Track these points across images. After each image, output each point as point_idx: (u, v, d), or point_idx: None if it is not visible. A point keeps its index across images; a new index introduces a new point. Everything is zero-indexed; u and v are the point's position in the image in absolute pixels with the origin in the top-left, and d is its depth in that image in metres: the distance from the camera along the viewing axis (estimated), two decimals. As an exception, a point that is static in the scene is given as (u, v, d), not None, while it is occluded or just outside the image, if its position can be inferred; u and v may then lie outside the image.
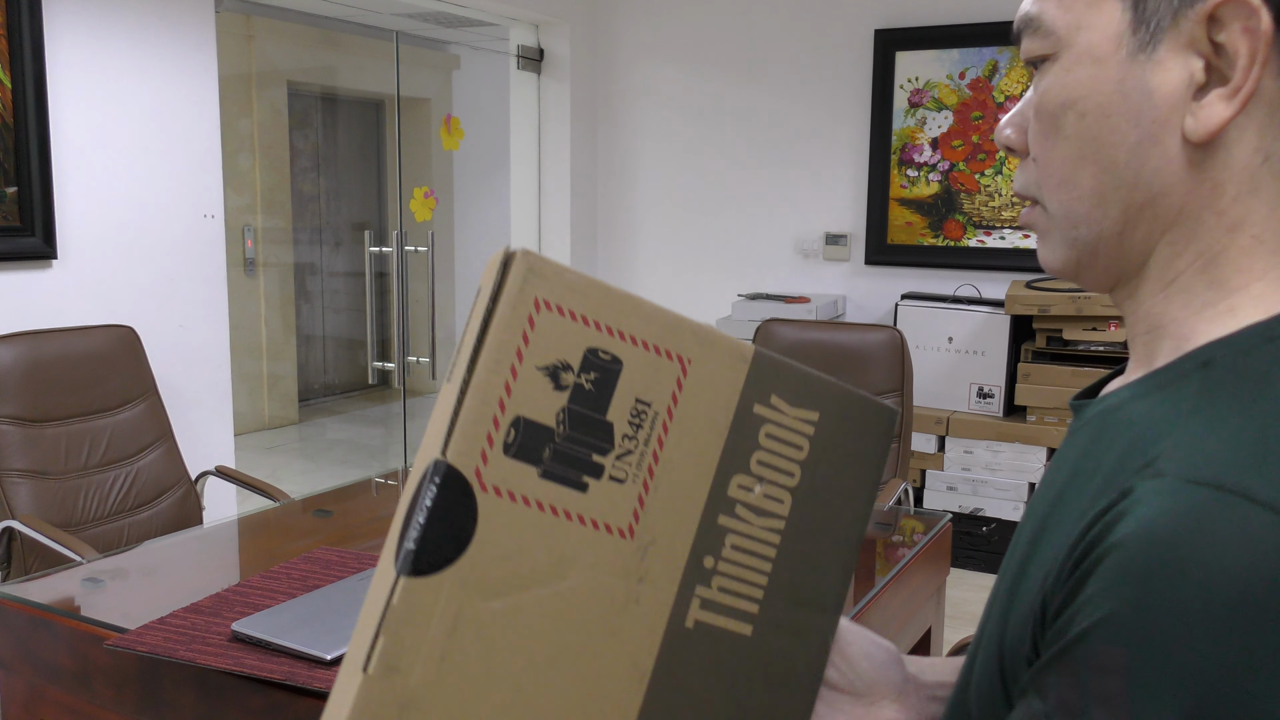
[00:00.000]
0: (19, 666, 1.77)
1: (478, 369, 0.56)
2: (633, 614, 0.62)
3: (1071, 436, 0.65)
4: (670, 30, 4.77)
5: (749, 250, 4.72)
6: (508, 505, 0.57)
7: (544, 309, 0.58)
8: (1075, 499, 0.57)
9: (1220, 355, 0.57)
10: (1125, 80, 0.60)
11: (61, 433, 2.68)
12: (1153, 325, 0.63)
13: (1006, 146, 0.68)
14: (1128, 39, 0.59)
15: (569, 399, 0.59)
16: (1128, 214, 0.61)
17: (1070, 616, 0.52)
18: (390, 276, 4.27)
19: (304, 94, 6.77)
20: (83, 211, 3.05)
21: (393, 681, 0.54)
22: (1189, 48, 0.58)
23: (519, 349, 0.57)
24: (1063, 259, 0.66)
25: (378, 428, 6.91)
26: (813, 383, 0.69)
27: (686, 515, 0.64)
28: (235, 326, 5.51)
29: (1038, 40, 0.63)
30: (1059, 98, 0.62)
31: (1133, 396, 0.60)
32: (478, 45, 6.88)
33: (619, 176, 4.97)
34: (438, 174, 7.35)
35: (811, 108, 4.51)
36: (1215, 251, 0.60)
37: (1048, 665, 0.52)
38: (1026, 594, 0.58)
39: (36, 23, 2.86)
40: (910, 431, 3.12)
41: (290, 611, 1.65)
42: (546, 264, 0.59)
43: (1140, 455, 0.54)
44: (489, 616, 0.57)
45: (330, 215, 7.17)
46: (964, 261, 4.26)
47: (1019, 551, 0.62)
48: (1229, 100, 0.57)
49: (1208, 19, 0.57)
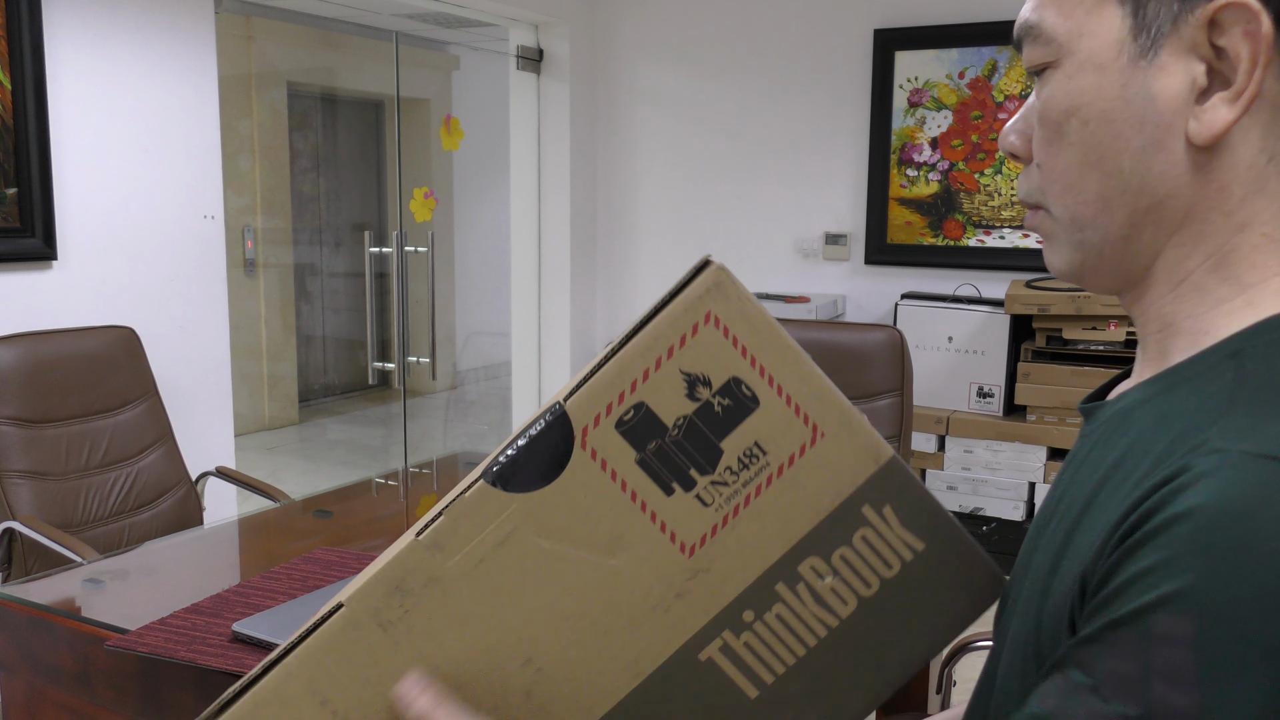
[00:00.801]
0: (19, 667, 1.77)
1: (628, 347, 0.60)
2: (657, 619, 0.64)
3: (1089, 437, 0.65)
4: (670, 30, 4.77)
5: (749, 250, 4.72)
6: (596, 471, 0.61)
7: (710, 324, 0.62)
8: (1116, 489, 0.57)
9: (1249, 346, 0.58)
10: (1128, 86, 0.60)
11: (62, 433, 2.68)
12: (1165, 323, 0.64)
13: (1010, 153, 0.68)
14: (1129, 45, 0.60)
15: (695, 411, 0.62)
16: (1134, 218, 0.62)
17: (1119, 589, 0.50)
18: (390, 277, 4.27)
19: (304, 95, 6.77)
20: (83, 212, 3.05)
21: (433, 556, 0.60)
22: (1190, 52, 0.58)
23: (672, 347, 0.61)
24: (1069, 262, 0.66)
25: (378, 428, 6.91)
26: (935, 515, 0.68)
27: (749, 566, 0.65)
28: (235, 327, 5.51)
29: (1038, 48, 0.64)
30: (1062, 105, 0.62)
31: (1159, 391, 0.61)
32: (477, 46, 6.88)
33: (619, 176, 4.98)
34: (437, 174, 7.36)
35: (811, 107, 4.51)
36: (1226, 251, 0.61)
37: (1092, 638, 0.51)
38: (1060, 587, 0.57)
39: (36, 24, 2.86)
40: (910, 431, 3.13)
41: (291, 612, 1.65)
42: (733, 287, 0.63)
43: (1189, 439, 0.54)
44: (535, 551, 0.61)
45: (330, 216, 7.17)
46: (964, 261, 4.26)
47: (1048, 553, 0.61)
48: (1232, 104, 0.58)
49: (1208, 23, 0.57)
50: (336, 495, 2.55)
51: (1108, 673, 0.50)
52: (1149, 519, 0.51)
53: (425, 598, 0.61)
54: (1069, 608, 0.55)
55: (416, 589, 0.60)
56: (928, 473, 4.06)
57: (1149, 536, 0.50)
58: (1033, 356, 3.95)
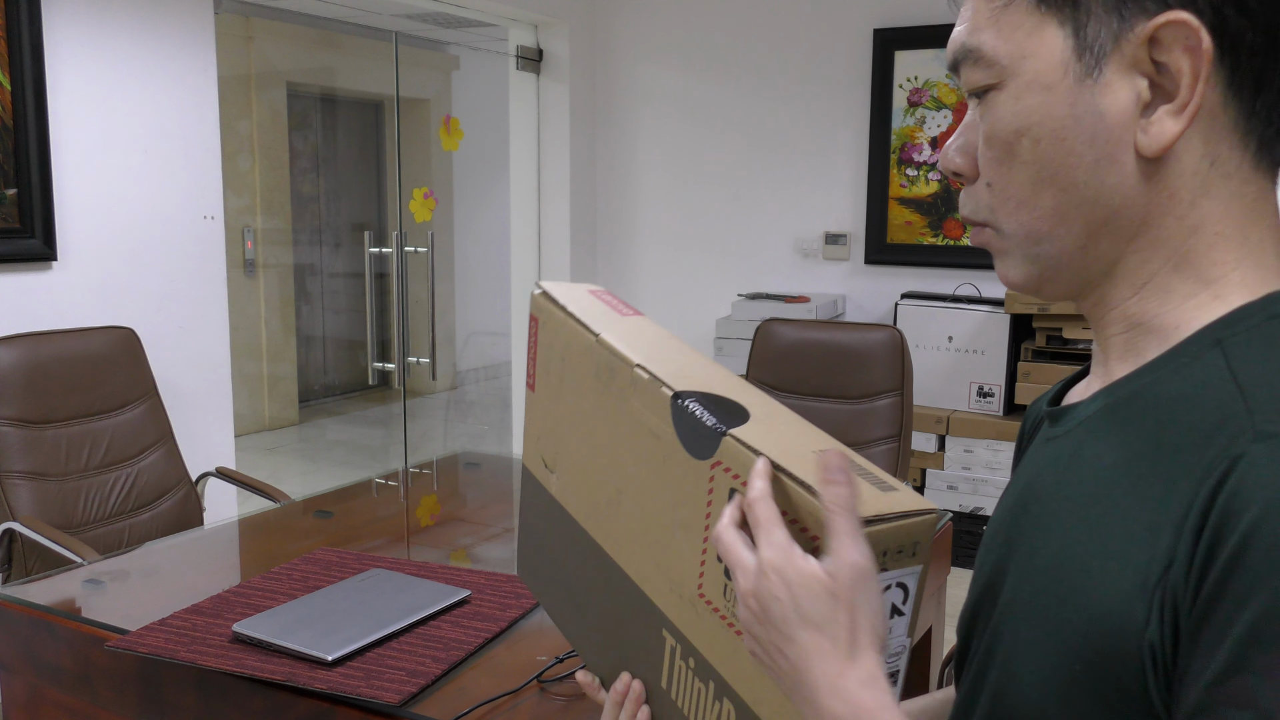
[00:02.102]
0: (20, 668, 1.77)
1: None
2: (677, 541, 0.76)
3: (1067, 439, 0.66)
4: (669, 30, 4.77)
5: (749, 250, 4.72)
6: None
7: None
8: (1150, 486, 0.57)
9: (1227, 335, 0.60)
10: (1076, 104, 0.62)
11: (62, 434, 2.68)
12: (1133, 323, 0.65)
13: (954, 172, 0.69)
14: (1073, 65, 0.62)
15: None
16: (1090, 228, 0.64)
17: (1237, 605, 0.51)
18: (390, 277, 4.27)
19: (303, 95, 6.77)
20: (83, 213, 3.05)
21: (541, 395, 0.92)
22: (1133, 68, 0.61)
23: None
24: (1024, 275, 0.68)
25: (378, 428, 6.91)
26: None
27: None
28: (235, 328, 5.51)
29: (979, 71, 0.65)
30: (1011, 126, 0.64)
31: (1146, 385, 0.62)
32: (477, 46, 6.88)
33: (618, 176, 4.97)
34: (437, 174, 7.35)
35: (811, 107, 4.51)
36: (1184, 252, 0.63)
37: (1237, 668, 0.50)
38: (1108, 590, 0.57)
39: (36, 25, 2.86)
40: (910, 431, 3.13)
41: (291, 612, 1.65)
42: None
43: (1226, 427, 0.55)
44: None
45: (330, 216, 7.17)
46: (964, 260, 4.26)
47: (1058, 556, 0.61)
48: (1177, 116, 0.60)
49: (1149, 40, 0.60)
50: (337, 496, 2.55)
51: (1273, 698, 0.49)
52: (1226, 526, 0.51)
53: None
54: (1153, 613, 0.54)
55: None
56: (928, 472, 4.07)
57: (1243, 549, 0.51)
58: (1033, 356, 3.94)
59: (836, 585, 0.60)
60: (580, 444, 0.86)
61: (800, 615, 0.60)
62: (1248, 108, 0.61)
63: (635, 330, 0.84)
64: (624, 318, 0.86)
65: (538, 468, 0.94)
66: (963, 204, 0.70)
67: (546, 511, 0.93)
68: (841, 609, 0.60)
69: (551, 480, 0.91)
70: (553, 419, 0.90)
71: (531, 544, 0.99)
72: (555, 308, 0.89)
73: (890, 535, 0.61)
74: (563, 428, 0.89)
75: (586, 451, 0.85)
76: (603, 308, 0.88)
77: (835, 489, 0.61)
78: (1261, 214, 0.63)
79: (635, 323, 0.86)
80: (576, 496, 0.87)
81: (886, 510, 0.61)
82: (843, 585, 0.59)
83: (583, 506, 0.86)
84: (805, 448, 0.67)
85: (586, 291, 0.92)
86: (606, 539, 0.83)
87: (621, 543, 0.81)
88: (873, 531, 0.60)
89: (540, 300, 0.91)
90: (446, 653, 1.55)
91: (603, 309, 0.88)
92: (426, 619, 1.66)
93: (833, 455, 0.62)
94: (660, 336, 0.83)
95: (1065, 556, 0.61)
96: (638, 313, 0.89)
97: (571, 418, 0.87)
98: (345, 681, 1.46)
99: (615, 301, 0.90)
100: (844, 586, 0.59)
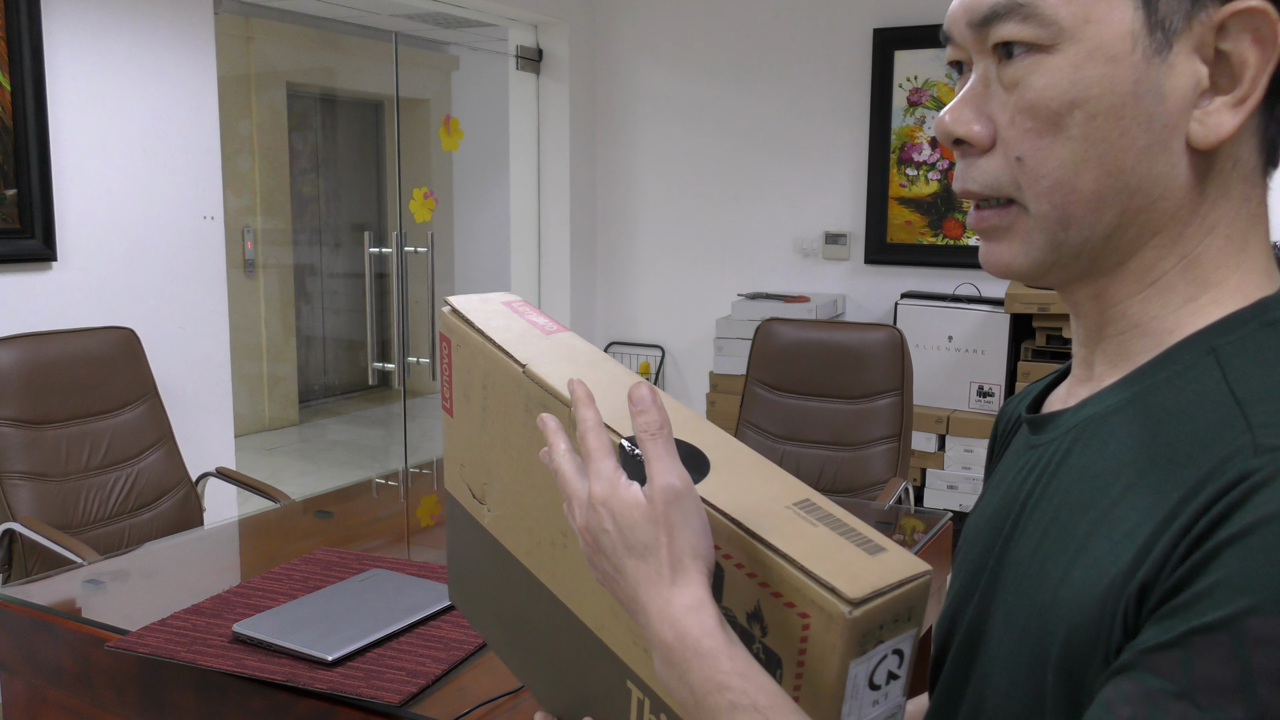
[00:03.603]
0: (20, 668, 1.77)
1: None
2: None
3: (1052, 446, 0.64)
4: (669, 30, 4.77)
5: (749, 250, 4.72)
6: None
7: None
8: (1142, 495, 0.55)
9: (1221, 343, 0.58)
10: (1141, 82, 0.58)
11: (62, 435, 2.68)
12: (1130, 325, 0.63)
13: (966, 140, 0.63)
14: (1143, 39, 0.57)
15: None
16: (1124, 217, 0.60)
17: (1199, 595, 0.49)
18: (390, 277, 4.27)
19: (303, 95, 6.77)
20: (82, 213, 3.05)
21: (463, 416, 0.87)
22: (1197, 52, 0.57)
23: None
24: (1036, 261, 0.62)
25: (378, 429, 6.90)
26: None
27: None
28: (235, 328, 5.51)
29: (1028, 27, 0.58)
30: (1065, 96, 0.58)
31: (1138, 394, 0.60)
32: (476, 46, 6.88)
33: (618, 176, 4.97)
34: (437, 175, 7.35)
35: (810, 107, 4.51)
36: (1197, 253, 0.61)
37: (1173, 644, 0.50)
38: (1084, 597, 0.55)
39: (36, 25, 2.86)
40: (910, 431, 3.13)
41: (291, 612, 1.65)
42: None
43: (1227, 440, 0.53)
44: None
45: (330, 216, 7.17)
46: (964, 260, 4.26)
47: (1042, 565, 0.60)
48: (1235, 109, 0.57)
49: (1218, 27, 0.57)
50: (337, 496, 2.55)
51: (1199, 678, 0.48)
52: (1222, 525, 0.50)
53: None
54: (1118, 616, 0.53)
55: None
56: (928, 472, 4.06)
57: (1229, 543, 0.49)
58: (1033, 355, 3.94)
59: (654, 510, 0.60)
60: (514, 480, 0.80)
61: (626, 545, 0.61)
62: (1271, 110, 0.59)
63: (563, 354, 0.77)
64: (547, 336, 0.80)
65: (465, 497, 0.88)
66: (966, 179, 0.63)
67: (480, 543, 0.87)
68: (661, 532, 0.60)
69: (483, 513, 0.85)
70: (478, 448, 0.84)
71: (465, 571, 0.93)
72: (469, 329, 0.82)
73: (887, 608, 0.58)
74: (491, 459, 0.82)
75: (522, 489, 0.79)
76: (523, 326, 0.81)
77: (645, 417, 0.61)
78: (1260, 219, 0.62)
79: (561, 343, 0.79)
80: (514, 534, 0.81)
81: (880, 584, 0.58)
82: (659, 509, 0.60)
83: (522, 544, 0.81)
84: (775, 501, 0.63)
85: (501, 304, 0.85)
86: (553, 581, 0.78)
87: (572, 588, 0.75)
88: (869, 609, 0.57)
89: (450, 319, 0.84)
90: (446, 653, 1.55)
91: (523, 328, 0.81)
92: (426, 619, 1.66)
93: (639, 388, 0.63)
94: (591, 359, 0.77)
95: (1048, 565, 0.59)
96: (561, 327, 0.82)
97: (501, 450, 0.81)
98: (345, 681, 1.46)
99: (535, 315, 0.84)
100: (660, 510, 0.60)
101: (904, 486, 2.89)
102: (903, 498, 2.88)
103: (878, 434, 3.09)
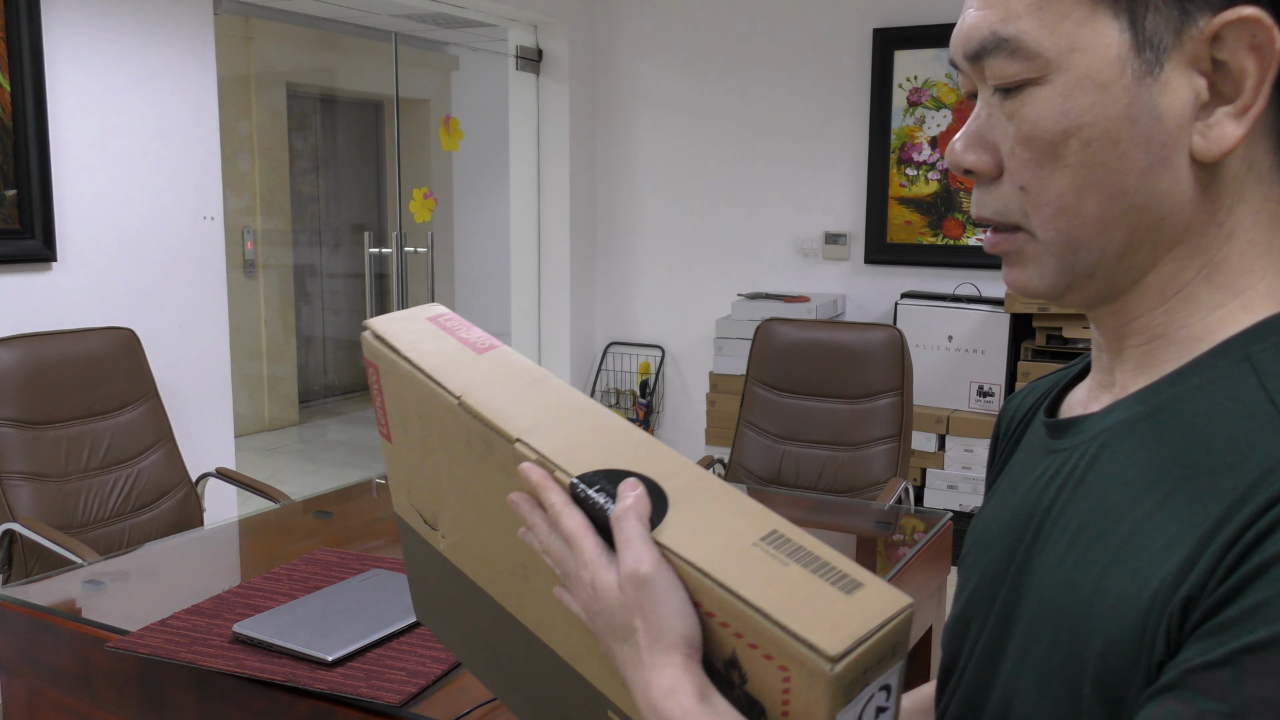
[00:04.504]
0: (20, 669, 1.77)
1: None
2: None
3: (1077, 452, 0.63)
4: (669, 30, 4.77)
5: (748, 250, 4.72)
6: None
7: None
8: (1180, 507, 0.54)
9: (1255, 349, 0.57)
10: (1134, 105, 0.57)
11: (62, 435, 2.68)
12: (1154, 335, 0.62)
13: (970, 171, 0.64)
14: (1132, 61, 0.57)
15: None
16: (1134, 236, 0.60)
17: (1249, 612, 0.48)
18: (390, 277, 4.27)
19: (303, 95, 6.77)
20: (82, 214, 3.05)
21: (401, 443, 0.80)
22: (1192, 66, 0.57)
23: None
24: (1051, 284, 0.63)
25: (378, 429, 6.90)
26: None
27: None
28: (235, 328, 5.51)
29: (1015, 63, 0.59)
30: (1058, 126, 0.58)
31: (1168, 401, 0.59)
32: (476, 46, 6.88)
33: (618, 176, 4.97)
34: (437, 175, 7.35)
35: (810, 107, 4.51)
36: (1217, 261, 0.60)
37: (1222, 662, 0.49)
38: (1120, 609, 0.54)
39: (35, 26, 2.86)
40: (910, 431, 3.13)
41: (291, 613, 1.65)
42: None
43: (1268, 449, 0.52)
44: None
45: (330, 216, 7.17)
46: (963, 260, 4.26)
47: (1070, 573, 0.59)
48: (1237, 119, 0.56)
49: (1212, 38, 0.56)
50: (337, 496, 2.55)
51: (1252, 698, 0.47)
52: (1270, 538, 0.49)
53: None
54: (1160, 629, 0.52)
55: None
56: (928, 472, 4.07)
57: (1269, 564, 0.48)
58: (1033, 355, 3.94)
59: (625, 598, 0.61)
60: (466, 509, 0.75)
61: (610, 629, 0.63)
62: None
63: (500, 376, 0.72)
64: (480, 356, 0.73)
65: (416, 521, 0.82)
66: (980, 205, 0.64)
67: (440, 567, 0.82)
68: (635, 618, 0.60)
69: (438, 539, 0.80)
70: (422, 476, 0.78)
71: (427, 592, 0.88)
72: (395, 355, 0.74)
73: (871, 652, 0.56)
74: (439, 486, 0.77)
75: (475, 518, 0.74)
76: (454, 346, 0.74)
77: (620, 503, 0.62)
78: None
79: (495, 361, 0.73)
80: (473, 561, 0.77)
81: (861, 631, 0.55)
82: (630, 596, 0.60)
83: (483, 572, 0.76)
84: (742, 539, 0.60)
85: (427, 322, 0.77)
86: (520, 610, 0.74)
87: (540, 618, 0.72)
88: (851, 660, 0.54)
89: (374, 344, 0.76)
90: (446, 653, 1.55)
91: (455, 348, 0.74)
92: (426, 619, 1.66)
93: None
94: (532, 378, 0.72)
95: (1077, 574, 0.58)
96: (494, 342, 0.76)
97: (448, 480, 0.75)
98: (345, 682, 1.46)
99: (466, 331, 0.77)
100: (631, 597, 0.60)
101: (904, 486, 2.89)
102: (903, 497, 2.88)
103: (878, 434, 3.09)
